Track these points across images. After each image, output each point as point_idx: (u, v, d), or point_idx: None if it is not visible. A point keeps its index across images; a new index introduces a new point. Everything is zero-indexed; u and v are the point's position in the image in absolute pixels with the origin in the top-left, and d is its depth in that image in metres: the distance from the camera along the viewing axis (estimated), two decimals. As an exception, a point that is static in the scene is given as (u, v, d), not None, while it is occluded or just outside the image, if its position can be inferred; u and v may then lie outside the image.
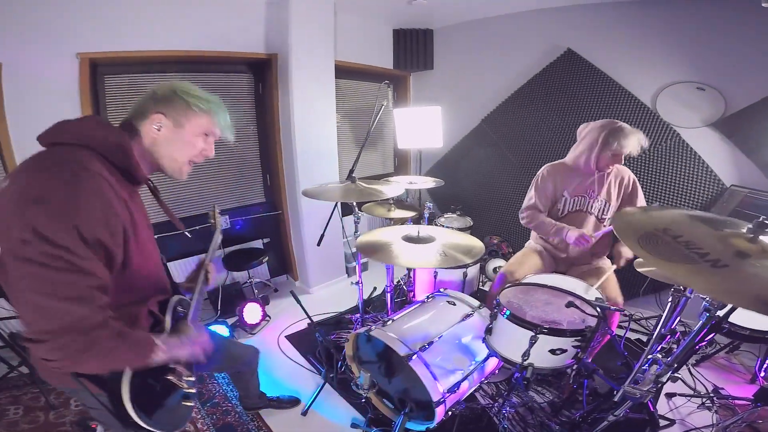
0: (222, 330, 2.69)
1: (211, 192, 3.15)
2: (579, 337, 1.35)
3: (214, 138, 1.11)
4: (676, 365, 1.13)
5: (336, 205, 2.52)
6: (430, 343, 1.67)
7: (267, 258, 3.17)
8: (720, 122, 2.72)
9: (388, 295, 2.53)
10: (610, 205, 2.19)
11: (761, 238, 0.99)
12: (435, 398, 1.55)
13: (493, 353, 1.57)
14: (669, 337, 1.71)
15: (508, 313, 1.46)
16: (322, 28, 3.02)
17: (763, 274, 0.90)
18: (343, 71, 3.57)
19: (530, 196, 2.34)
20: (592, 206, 2.20)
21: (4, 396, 2.15)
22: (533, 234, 2.52)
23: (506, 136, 3.69)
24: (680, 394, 2.09)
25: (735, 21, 2.53)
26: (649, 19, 2.83)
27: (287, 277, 3.77)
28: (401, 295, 3.03)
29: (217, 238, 1.61)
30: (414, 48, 3.98)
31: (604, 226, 2.22)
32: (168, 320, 1.11)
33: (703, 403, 1.99)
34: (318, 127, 3.19)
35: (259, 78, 3.21)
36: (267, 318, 3.02)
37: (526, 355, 1.40)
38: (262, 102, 3.25)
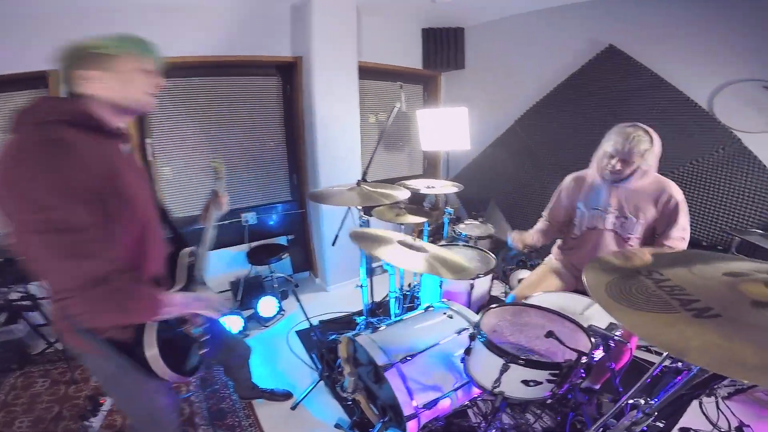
0: (236, 321, 2.76)
1: (240, 189, 3.27)
2: (555, 371, 1.16)
3: (154, 73, 1.13)
4: (656, 413, 0.91)
5: (349, 207, 2.46)
6: (413, 355, 1.57)
7: (286, 254, 3.21)
8: (793, 126, 2.25)
9: (392, 300, 2.47)
10: (638, 222, 1.83)
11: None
12: (407, 412, 1.46)
13: (467, 375, 1.42)
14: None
15: (484, 337, 1.31)
16: (344, 30, 2.98)
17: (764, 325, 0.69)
18: (371, 72, 3.50)
19: (547, 209, 2.17)
20: (606, 221, 1.89)
21: (37, 369, 2.38)
22: (554, 249, 2.26)
23: (540, 139, 3.38)
24: (695, 430, 1.77)
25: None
26: (704, 11, 2.41)
27: (309, 273, 3.81)
28: (413, 301, 2.91)
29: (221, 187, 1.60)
30: (444, 47, 3.78)
31: (629, 245, 1.87)
32: (181, 274, 1.28)
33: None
34: (340, 129, 3.16)
35: (287, 80, 3.25)
36: (282, 312, 3.06)
37: (496, 382, 1.24)
38: (290, 104, 3.29)
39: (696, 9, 2.45)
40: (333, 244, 2.55)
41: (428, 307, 2.01)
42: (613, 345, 1.29)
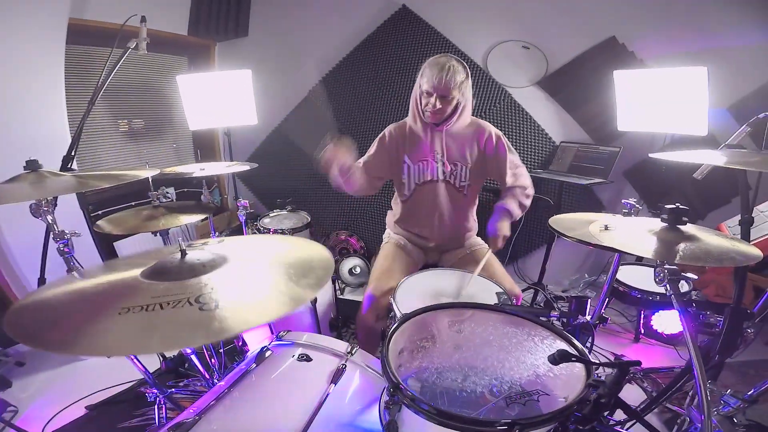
0: None
1: None
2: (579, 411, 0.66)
3: None
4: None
5: (49, 227, 1.26)
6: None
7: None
8: (544, 81, 2.58)
9: (193, 357, 1.49)
10: (466, 169, 1.60)
11: None
12: None
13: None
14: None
15: (426, 408, 0.64)
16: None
17: None
18: (98, 36, 2.27)
19: (368, 154, 1.68)
20: (438, 171, 1.60)
21: None
22: (389, 221, 1.83)
23: (338, 108, 2.92)
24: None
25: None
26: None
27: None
28: (228, 343, 1.94)
29: None
30: (223, 11, 2.82)
31: (464, 195, 1.65)
32: None
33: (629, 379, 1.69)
34: (24, 114, 1.84)
35: None
36: (12, 409, 1.67)
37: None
38: None
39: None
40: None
41: (263, 351, 1.17)
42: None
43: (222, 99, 2.42)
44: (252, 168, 1.85)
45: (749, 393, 0.69)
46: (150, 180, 1.45)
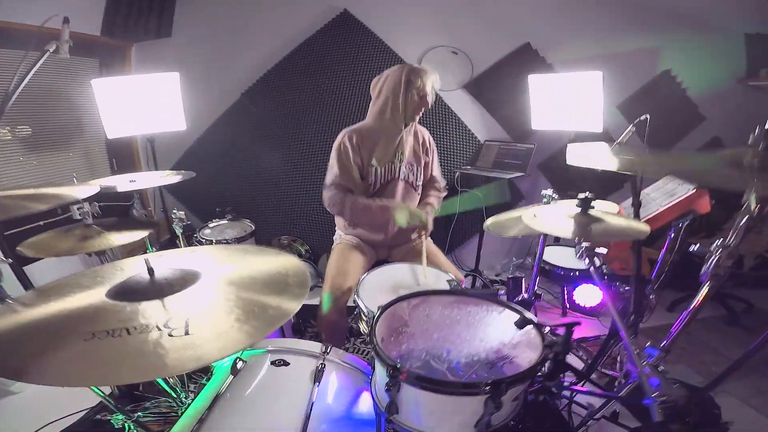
0: None
1: None
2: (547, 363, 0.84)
3: None
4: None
5: None
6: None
7: None
8: (470, 84, 2.87)
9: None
10: (418, 168, 1.81)
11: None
12: None
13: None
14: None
15: (420, 379, 0.75)
16: None
17: None
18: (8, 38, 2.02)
19: (334, 172, 1.72)
20: (400, 171, 1.76)
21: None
22: (339, 223, 1.92)
23: (273, 111, 2.90)
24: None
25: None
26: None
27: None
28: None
29: None
30: (144, 10, 2.61)
31: (417, 192, 1.84)
32: None
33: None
34: None
35: None
36: None
37: (483, 426, 0.77)
38: None
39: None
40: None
41: (235, 362, 1.20)
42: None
43: (146, 104, 2.27)
44: (187, 178, 1.81)
45: (663, 343, 0.92)
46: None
